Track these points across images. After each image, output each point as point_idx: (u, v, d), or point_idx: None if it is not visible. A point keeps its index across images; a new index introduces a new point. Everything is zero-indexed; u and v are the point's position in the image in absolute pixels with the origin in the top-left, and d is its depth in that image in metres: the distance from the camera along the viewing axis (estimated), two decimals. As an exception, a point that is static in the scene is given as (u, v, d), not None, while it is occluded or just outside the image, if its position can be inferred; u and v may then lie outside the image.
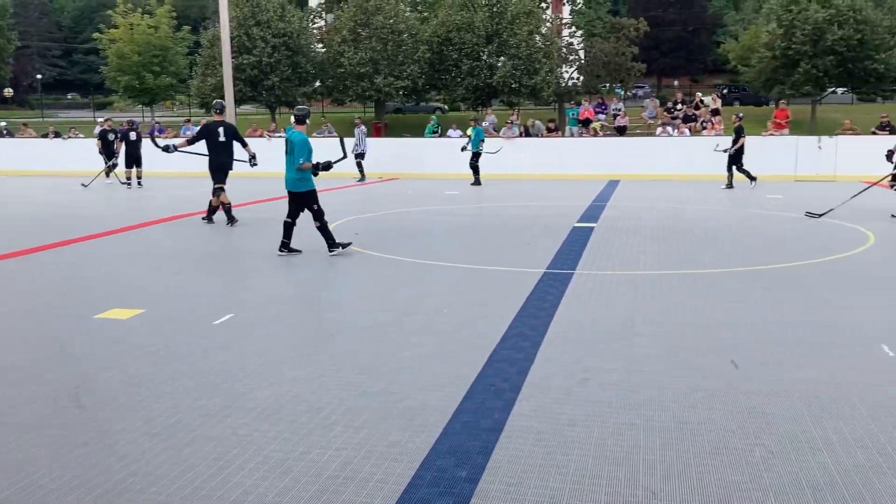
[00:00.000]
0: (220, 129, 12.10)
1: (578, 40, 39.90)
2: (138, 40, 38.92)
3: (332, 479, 3.41)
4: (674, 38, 54.77)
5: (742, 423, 3.99)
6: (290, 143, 9.17)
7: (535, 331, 5.76)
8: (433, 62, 34.16)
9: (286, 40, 33.52)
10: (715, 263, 8.50)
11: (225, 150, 12.16)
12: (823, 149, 20.81)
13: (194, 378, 4.78)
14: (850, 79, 31.53)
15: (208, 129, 12.25)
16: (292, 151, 9.12)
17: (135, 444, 3.81)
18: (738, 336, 5.59)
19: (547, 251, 9.31)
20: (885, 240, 10.06)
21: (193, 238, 11.20)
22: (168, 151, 12.51)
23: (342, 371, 4.89)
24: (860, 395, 4.36)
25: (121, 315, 6.40)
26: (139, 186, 19.55)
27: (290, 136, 9.18)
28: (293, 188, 9.27)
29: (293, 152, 9.09)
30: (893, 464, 3.51)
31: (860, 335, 5.59)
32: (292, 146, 9.10)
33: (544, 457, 3.62)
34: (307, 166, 9.08)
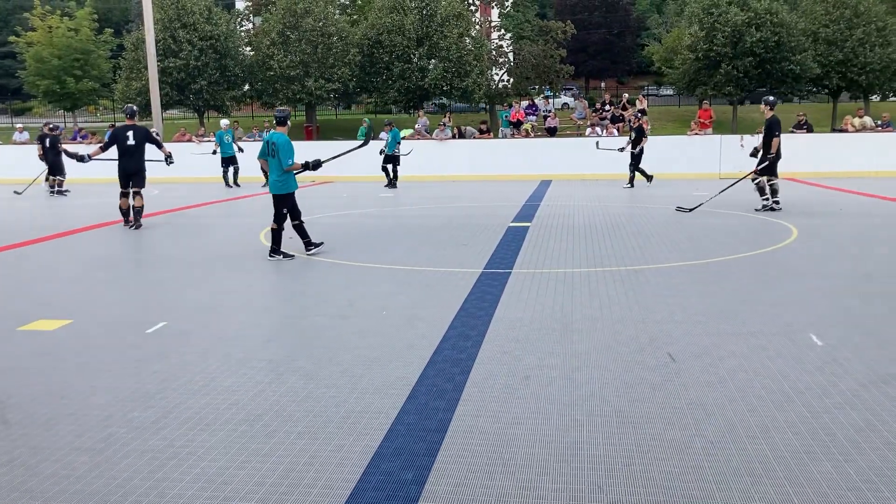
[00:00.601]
0: (130, 133, 12.02)
1: (507, 43, 40.32)
2: (58, 43, 37.67)
3: (274, 488, 3.33)
4: (600, 41, 55.75)
5: (681, 414, 4.06)
6: (270, 145, 9.03)
7: (476, 330, 5.75)
8: (364, 65, 34.05)
9: (213, 43, 32.92)
10: (647, 259, 8.66)
11: (136, 154, 12.10)
12: (745, 147, 21.46)
13: (126, 389, 4.61)
14: (769, 79, 32.66)
15: (116, 134, 12.20)
16: (275, 154, 8.99)
17: (64, 460, 3.65)
18: (673, 329, 5.70)
19: (484, 251, 9.35)
20: (807, 234, 10.42)
21: (120, 246, 10.86)
22: (83, 161, 12.26)
23: (281, 377, 4.79)
24: (792, 384, 4.49)
25: (47, 326, 6.14)
26: (58, 195, 19.01)
27: (272, 139, 9.03)
28: (275, 190, 9.15)
29: (276, 155, 8.97)
30: (826, 448, 3.62)
31: (789, 325, 5.76)
32: (275, 148, 8.97)
33: (490, 456, 3.61)
34: (296, 167, 9.03)
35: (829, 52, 32.44)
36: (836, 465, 3.44)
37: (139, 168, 12.23)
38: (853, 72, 32.30)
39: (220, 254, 9.94)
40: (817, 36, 32.74)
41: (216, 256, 9.73)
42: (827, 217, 12.37)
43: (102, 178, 18.95)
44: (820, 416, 3.99)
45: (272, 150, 9.03)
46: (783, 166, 21.19)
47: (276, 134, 9.11)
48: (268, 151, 9.11)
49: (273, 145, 9.01)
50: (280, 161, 8.98)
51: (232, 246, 10.62)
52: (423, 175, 21.66)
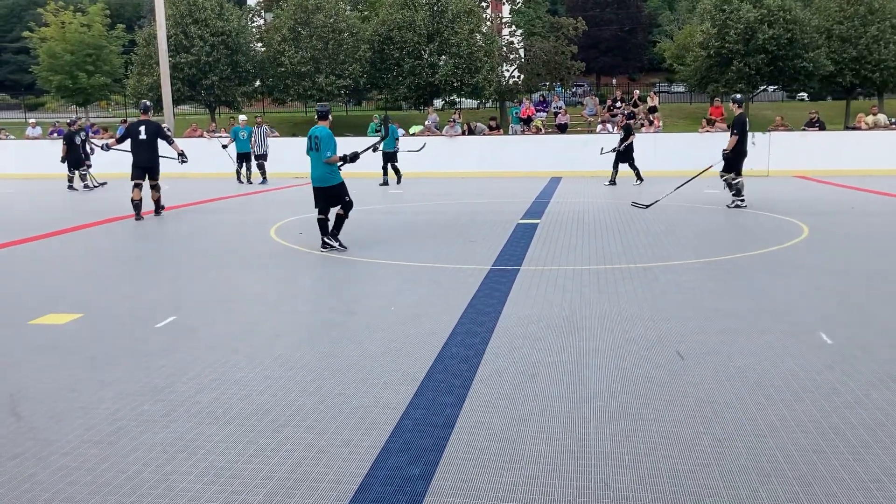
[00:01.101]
0: (142, 128, 12.49)
1: (518, 39, 40.26)
2: (70, 39, 37.86)
3: (282, 482, 3.34)
4: (611, 38, 55.60)
5: (690, 412, 4.05)
6: (313, 139, 9.18)
7: (484, 327, 5.76)
8: (375, 61, 34.07)
9: (225, 39, 33.01)
10: (657, 257, 8.63)
11: (149, 148, 12.54)
12: (756, 145, 21.36)
13: (136, 383, 4.64)
14: (781, 77, 32.50)
15: (130, 128, 12.81)
16: (317, 147, 9.15)
17: (74, 453, 3.67)
18: (682, 327, 5.68)
19: (493, 248, 9.34)
20: (818, 232, 10.37)
21: (130, 240, 10.92)
22: (105, 150, 13.61)
23: (290, 372, 4.81)
24: (801, 382, 4.47)
25: (57, 320, 6.19)
26: (86, 188, 19.04)
27: (315, 133, 9.20)
28: (322, 183, 9.29)
29: (319, 148, 9.13)
30: (835, 447, 3.60)
31: (799, 324, 5.73)
32: (318, 142, 9.13)
33: (497, 452, 3.61)
34: (335, 159, 9.18)
35: (842, 50, 32.24)
36: (845, 464, 3.42)
37: (152, 162, 12.61)
38: (867, 69, 32.09)
39: (230, 249, 9.97)
40: (831, 33, 32.55)
41: (226, 252, 9.77)
42: (838, 215, 12.29)
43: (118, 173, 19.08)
44: (829, 415, 3.98)
45: (315, 143, 9.17)
46: (793, 164, 21.15)
47: (319, 128, 9.27)
48: (312, 146, 9.24)
49: (316, 139, 9.16)
50: (322, 154, 9.14)
51: (242, 241, 10.65)
52: (433, 171, 21.65)
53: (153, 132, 12.59)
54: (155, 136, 12.60)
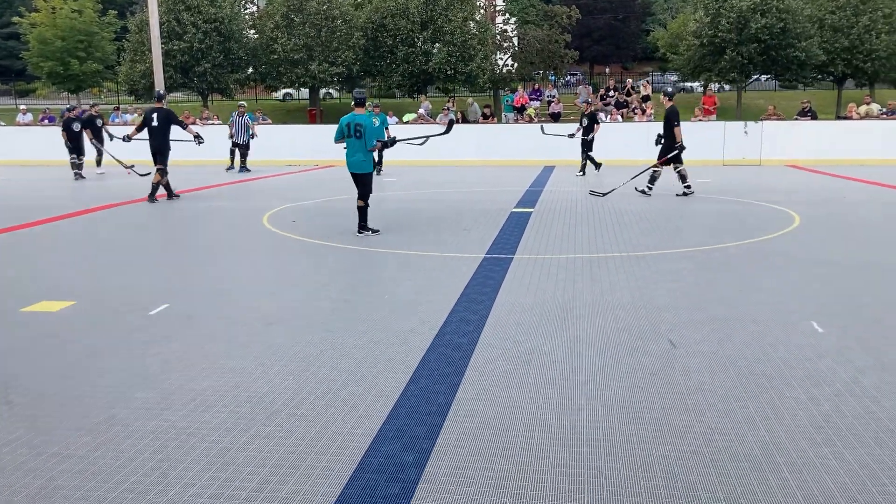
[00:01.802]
0: (154, 115, 13.13)
1: (512, 27, 40.11)
2: (61, 25, 37.53)
3: (276, 469, 3.35)
4: (604, 27, 55.43)
5: (682, 400, 4.08)
6: (353, 126, 9.28)
7: (477, 315, 5.77)
8: (368, 48, 33.88)
9: (217, 26, 32.77)
10: (650, 246, 8.66)
11: (159, 134, 13.14)
12: (749, 134, 21.41)
13: (130, 371, 4.64)
14: (774, 66, 32.49)
15: (145, 116, 13.45)
16: (360, 135, 9.26)
17: (68, 440, 3.67)
18: (675, 316, 5.71)
19: (486, 236, 9.35)
20: (809, 221, 10.41)
21: (123, 228, 10.88)
22: (127, 141, 13.81)
23: (283, 359, 4.81)
24: (793, 371, 4.50)
25: (50, 307, 6.17)
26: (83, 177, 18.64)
27: (357, 120, 9.29)
28: (358, 169, 9.45)
29: (362, 136, 9.25)
30: (826, 435, 3.63)
31: (790, 313, 5.76)
32: (361, 129, 9.24)
33: (490, 439, 3.63)
34: (378, 146, 9.47)
35: (834, 39, 32.24)
36: (835, 452, 3.45)
37: (160, 147, 13.20)
38: (859, 59, 32.11)
39: (224, 237, 9.95)
40: (823, 22, 32.54)
41: (219, 240, 9.75)
42: (830, 204, 12.34)
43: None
44: (820, 404, 4.01)
45: (357, 131, 9.26)
46: (785, 153, 21.21)
47: (359, 115, 9.38)
48: (352, 132, 9.30)
49: (359, 126, 9.26)
50: (366, 142, 9.28)
51: (236, 229, 10.63)
52: (426, 160, 21.59)
53: (164, 119, 13.20)
54: (167, 123, 13.21)
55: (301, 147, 22.64)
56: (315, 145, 22.78)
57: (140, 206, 13.05)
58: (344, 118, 9.60)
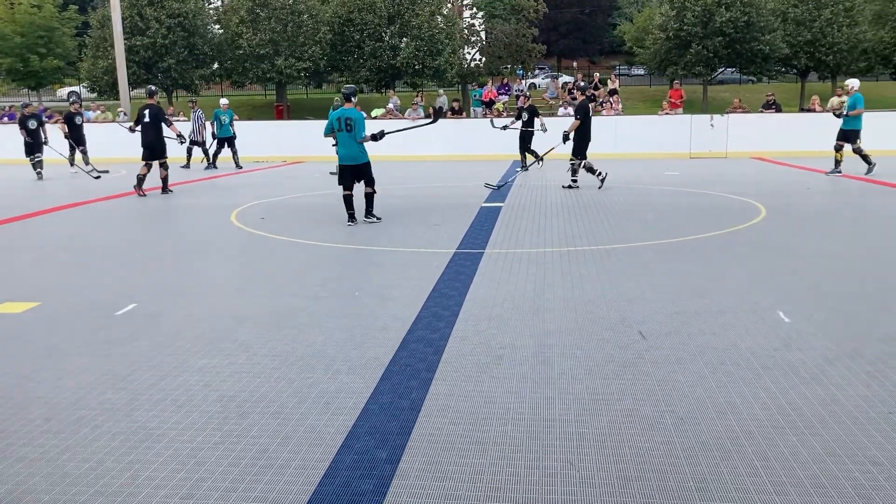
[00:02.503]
0: (146, 112, 13.64)
1: (480, 22, 40.14)
2: (20, 20, 36.80)
3: (248, 468, 3.33)
4: (571, 20, 55.73)
5: (652, 391, 4.12)
6: (343, 120, 9.70)
7: (449, 310, 5.77)
8: (335, 43, 33.72)
9: (181, 21, 32.41)
10: (618, 238, 8.73)
11: (150, 129, 13.65)
12: (715, 127, 21.66)
13: (97, 372, 4.57)
14: (738, 59, 32.91)
15: (139, 112, 13.90)
16: (349, 128, 9.70)
17: (35, 443, 3.61)
18: (644, 308, 5.76)
19: (457, 231, 9.36)
20: (775, 212, 10.56)
21: (88, 227, 10.71)
22: (132, 132, 14.29)
23: (254, 358, 4.77)
24: (760, 360, 4.56)
25: (14, 309, 6.06)
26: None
27: (346, 115, 9.70)
28: (353, 162, 9.96)
29: (352, 129, 9.70)
30: (792, 423, 3.69)
31: (757, 303, 5.85)
32: (351, 123, 9.68)
33: (463, 434, 3.63)
34: (368, 138, 9.78)
35: (797, 33, 32.77)
36: (802, 439, 3.51)
37: (153, 142, 13.67)
38: (821, 52, 32.66)
39: (190, 235, 9.84)
40: (786, 16, 33.05)
41: (188, 237, 9.64)
42: (794, 196, 12.53)
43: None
44: (787, 392, 4.07)
45: (347, 125, 9.69)
46: (751, 145, 21.47)
47: (349, 110, 9.78)
48: (339, 126, 9.76)
49: (349, 120, 9.68)
50: (356, 134, 9.71)
51: (202, 227, 10.52)
52: (395, 155, 21.53)
53: (154, 115, 13.65)
54: (156, 119, 13.67)
55: (268, 143, 22.45)
56: (282, 141, 22.63)
57: (105, 203, 12.86)
58: (333, 113, 10.02)
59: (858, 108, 15.20)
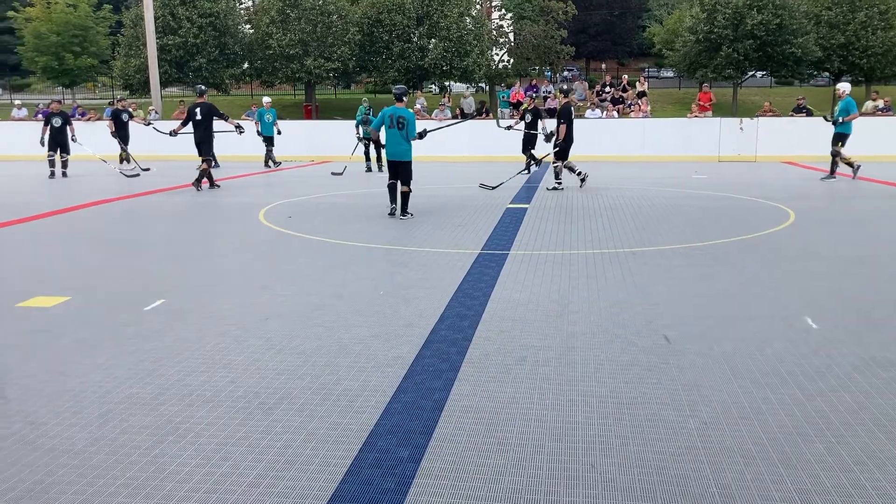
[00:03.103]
0: (197, 110, 14.16)
1: (508, 23, 40.10)
2: (56, 20, 37.48)
3: (272, 464, 3.36)
4: (601, 22, 55.45)
5: (676, 395, 4.09)
6: (396, 118, 10.35)
7: (473, 311, 5.77)
8: (363, 44, 33.87)
9: (213, 20, 32.75)
10: (645, 241, 8.67)
11: (201, 127, 14.15)
12: (745, 130, 21.44)
13: (125, 366, 4.64)
14: (769, 62, 32.54)
15: (189, 110, 14.49)
16: (401, 126, 10.34)
17: (63, 435, 3.67)
18: (670, 311, 5.72)
19: (482, 232, 9.36)
20: (804, 217, 10.43)
21: (119, 223, 10.85)
22: (173, 136, 14.94)
23: (279, 355, 4.81)
24: (787, 366, 4.51)
25: (45, 303, 6.16)
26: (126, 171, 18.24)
27: (399, 113, 10.36)
28: (400, 158, 10.55)
29: (403, 127, 10.33)
30: (819, 430, 3.65)
31: (785, 308, 5.78)
32: (403, 122, 10.32)
33: (485, 434, 3.63)
34: (418, 136, 10.49)
35: (830, 36, 32.34)
36: (829, 447, 3.47)
37: (201, 139, 14.22)
38: (855, 55, 32.19)
39: (219, 232, 9.94)
40: (819, 19, 32.62)
41: (217, 235, 9.74)
42: (825, 200, 12.37)
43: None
44: (814, 399, 4.02)
45: (399, 122, 10.33)
46: (781, 149, 21.23)
47: (400, 109, 10.45)
48: (391, 124, 10.38)
49: (401, 119, 10.32)
50: (408, 132, 10.35)
51: (232, 224, 10.63)
52: (421, 156, 21.58)
53: (206, 112, 14.18)
54: (209, 116, 14.19)
55: (296, 143, 22.60)
56: (311, 141, 22.75)
57: (136, 200, 13.03)
58: (386, 109, 10.59)
59: (852, 113, 15.45)
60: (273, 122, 20.13)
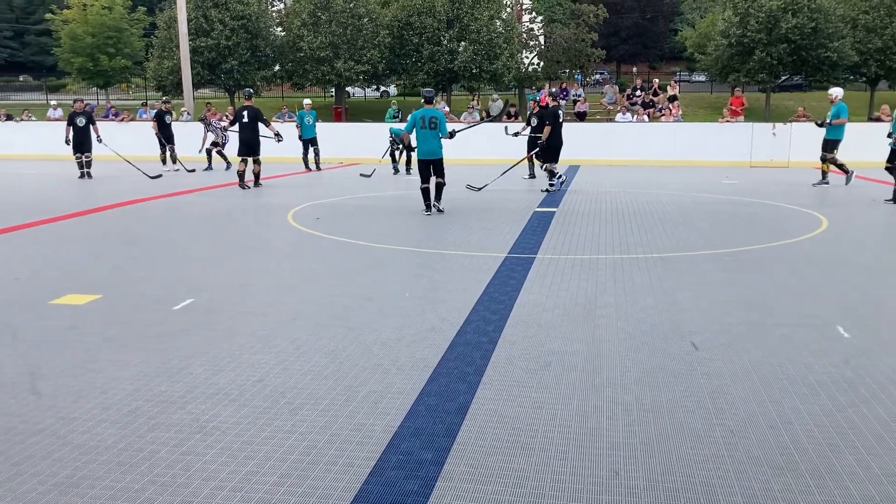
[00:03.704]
0: (245, 113, 14.93)
1: (539, 26, 40.02)
2: (92, 21, 38.09)
3: (296, 464, 3.38)
4: (632, 26, 55.13)
5: (703, 403, 4.05)
6: (428, 119, 11.14)
7: (498, 314, 5.77)
8: (394, 47, 33.99)
9: (245, 23, 33.07)
10: (673, 247, 8.60)
11: (247, 129, 14.93)
12: (777, 135, 21.17)
13: (153, 364, 4.70)
14: (804, 67, 32.09)
15: (237, 113, 15.32)
16: (433, 126, 11.14)
17: (92, 431, 3.73)
18: (698, 318, 5.67)
19: (509, 235, 9.34)
20: (837, 224, 10.28)
21: (149, 223, 10.99)
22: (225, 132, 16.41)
23: (305, 355, 4.85)
24: (817, 376, 4.45)
25: (77, 301, 6.26)
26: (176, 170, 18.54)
27: (431, 114, 11.19)
28: (433, 156, 11.33)
29: (436, 126, 11.15)
30: (850, 442, 3.59)
31: (816, 317, 5.70)
32: (436, 122, 11.14)
33: (509, 439, 3.63)
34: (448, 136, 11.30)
35: (867, 40, 31.81)
36: (860, 459, 3.41)
37: (251, 140, 15.02)
38: (892, 60, 31.64)
39: (250, 233, 10.03)
40: (856, 23, 32.11)
41: (246, 235, 9.83)
42: (858, 207, 12.18)
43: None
44: (845, 410, 3.96)
45: (433, 123, 11.13)
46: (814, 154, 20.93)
47: (430, 110, 11.26)
48: (423, 125, 11.16)
49: (434, 119, 11.14)
50: (440, 131, 11.17)
51: (261, 225, 10.72)
52: (448, 158, 21.60)
53: (253, 116, 14.91)
54: (255, 120, 14.94)
55: (326, 145, 22.71)
56: (340, 144, 22.85)
57: (166, 200, 13.19)
58: (417, 112, 11.38)
59: (842, 118, 15.32)
60: (313, 123, 20.03)
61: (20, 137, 24.85)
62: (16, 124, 25.89)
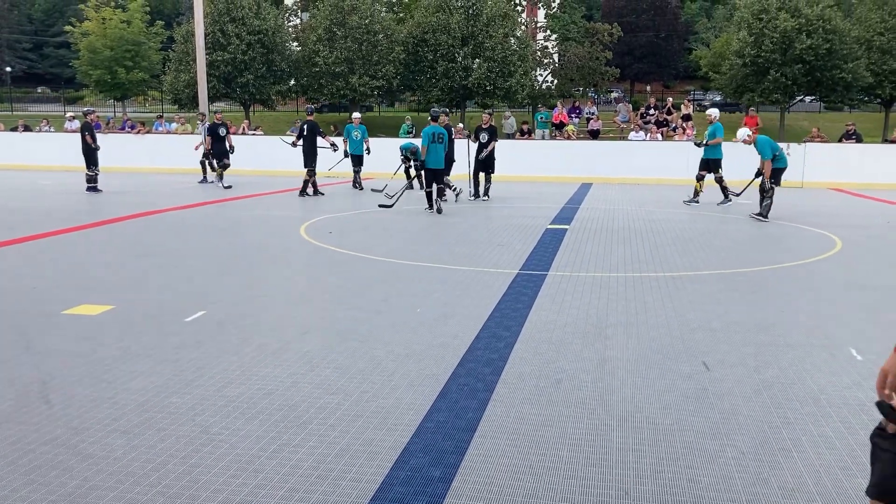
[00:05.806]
0: (305, 126, 16.64)
1: (553, 44, 40.18)
2: (111, 34, 38.58)
3: (304, 478, 3.38)
4: (646, 44, 55.22)
5: (713, 424, 4.03)
6: (437, 135, 13.43)
7: (509, 331, 5.76)
8: (408, 63, 34.20)
9: (261, 38, 33.38)
10: (686, 266, 8.57)
11: (307, 141, 16.51)
12: (792, 156, 21.09)
13: (164, 375, 4.72)
14: (818, 87, 32.04)
15: (301, 126, 17.08)
16: (442, 140, 13.52)
17: (102, 441, 3.75)
18: (710, 338, 5.64)
19: (521, 252, 9.34)
20: (851, 245, 10.22)
21: (163, 234, 11.06)
22: (294, 146, 16.83)
23: (315, 369, 4.85)
24: (829, 398, 4.42)
25: (90, 311, 6.30)
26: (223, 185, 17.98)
27: (440, 130, 13.57)
28: (440, 165, 13.50)
29: (443, 141, 13.56)
30: (861, 465, 3.56)
31: (828, 338, 5.67)
32: (443, 137, 13.56)
33: (518, 456, 3.62)
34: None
35: (882, 61, 31.74)
36: (871, 483, 3.38)
37: (308, 151, 16.46)
38: (908, 82, 31.56)
39: (263, 246, 10.08)
40: (871, 44, 32.05)
41: (256, 248, 9.87)
42: (873, 229, 12.11)
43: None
44: (857, 433, 3.92)
45: (440, 138, 13.45)
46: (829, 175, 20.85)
47: (438, 127, 13.67)
48: (434, 140, 13.35)
49: (441, 136, 13.51)
50: (447, 145, 13.84)
51: (274, 238, 10.76)
52: (461, 174, 21.67)
53: (311, 130, 16.52)
54: (313, 133, 16.54)
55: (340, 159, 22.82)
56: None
57: (181, 213, 13.28)
58: (427, 129, 13.53)
59: (718, 137, 15.65)
60: (363, 139, 18.76)
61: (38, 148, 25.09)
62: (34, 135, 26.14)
